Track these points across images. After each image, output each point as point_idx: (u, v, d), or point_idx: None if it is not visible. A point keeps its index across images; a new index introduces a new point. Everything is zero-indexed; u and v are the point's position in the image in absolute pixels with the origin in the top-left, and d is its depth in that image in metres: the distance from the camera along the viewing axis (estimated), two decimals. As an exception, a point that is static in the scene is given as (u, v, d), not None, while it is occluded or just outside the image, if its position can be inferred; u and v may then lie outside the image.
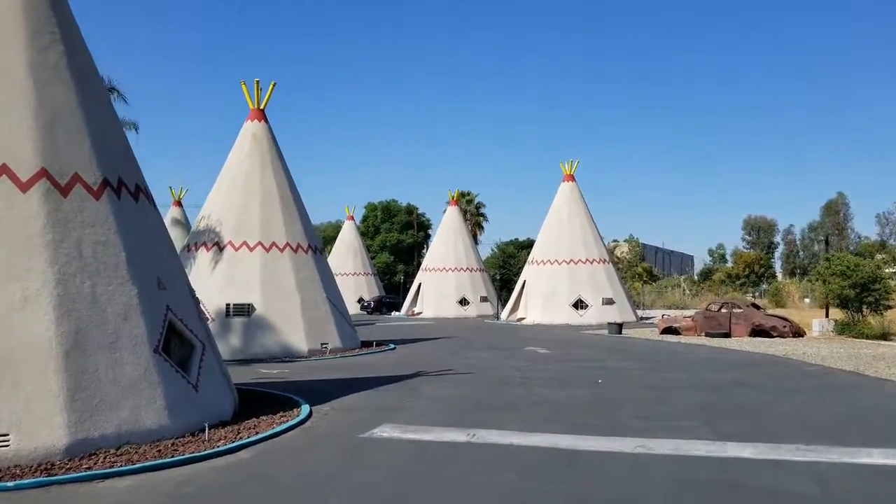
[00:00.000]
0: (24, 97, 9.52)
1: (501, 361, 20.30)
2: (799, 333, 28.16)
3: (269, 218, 22.97)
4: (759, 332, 28.26)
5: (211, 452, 8.92)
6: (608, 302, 39.98)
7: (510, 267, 63.85)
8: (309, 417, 11.45)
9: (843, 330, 28.76)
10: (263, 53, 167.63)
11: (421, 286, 51.62)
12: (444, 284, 49.96)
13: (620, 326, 31.68)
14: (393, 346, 24.66)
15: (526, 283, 42.35)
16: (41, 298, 8.85)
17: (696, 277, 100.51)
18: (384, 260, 72.27)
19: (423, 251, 69.75)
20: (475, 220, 74.79)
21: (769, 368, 18.53)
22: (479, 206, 75.85)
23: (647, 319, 41.64)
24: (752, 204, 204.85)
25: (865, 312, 29.36)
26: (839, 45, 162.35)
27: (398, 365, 19.12)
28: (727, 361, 20.27)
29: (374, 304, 54.55)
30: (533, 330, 34.60)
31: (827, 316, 31.44)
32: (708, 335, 28.68)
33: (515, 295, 43.46)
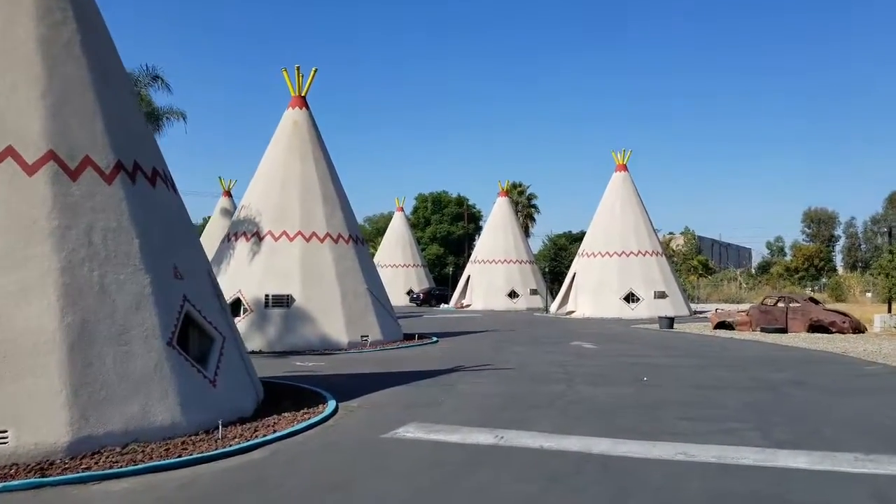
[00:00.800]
0: (32, 75, 9.08)
1: (545, 356, 19.62)
2: (859, 329, 26.77)
3: (309, 207, 22.60)
4: (816, 327, 26.98)
5: (220, 452, 8.43)
6: (660, 295, 38.78)
7: (561, 259, 62.88)
8: (333, 414, 10.97)
9: (906, 326, 27.36)
10: (312, 45, 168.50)
11: (470, 278, 51.09)
12: (493, 277, 49.35)
13: (672, 321, 30.72)
14: (435, 339, 24.16)
15: (576, 275, 41.37)
16: (45, 287, 8.42)
17: (753, 271, 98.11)
18: (434, 252, 71.68)
19: (473, 243, 69.07)
20: (526, 211, 73.84)
21: (826, 367, 17.48)
22: (530, 197, 74.83)
23: (701, 313, 40.38)
24: (812, 196, 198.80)
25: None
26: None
27: (438, 359, 18.61)
28: (781, 359, 19.23)
29: (423, 296, 54.24)
30: (582, 323, 33.75)
31: (889, 311, 30.21)
32: (763, 330, 27.50)
33: (565, 288, 42.54)
